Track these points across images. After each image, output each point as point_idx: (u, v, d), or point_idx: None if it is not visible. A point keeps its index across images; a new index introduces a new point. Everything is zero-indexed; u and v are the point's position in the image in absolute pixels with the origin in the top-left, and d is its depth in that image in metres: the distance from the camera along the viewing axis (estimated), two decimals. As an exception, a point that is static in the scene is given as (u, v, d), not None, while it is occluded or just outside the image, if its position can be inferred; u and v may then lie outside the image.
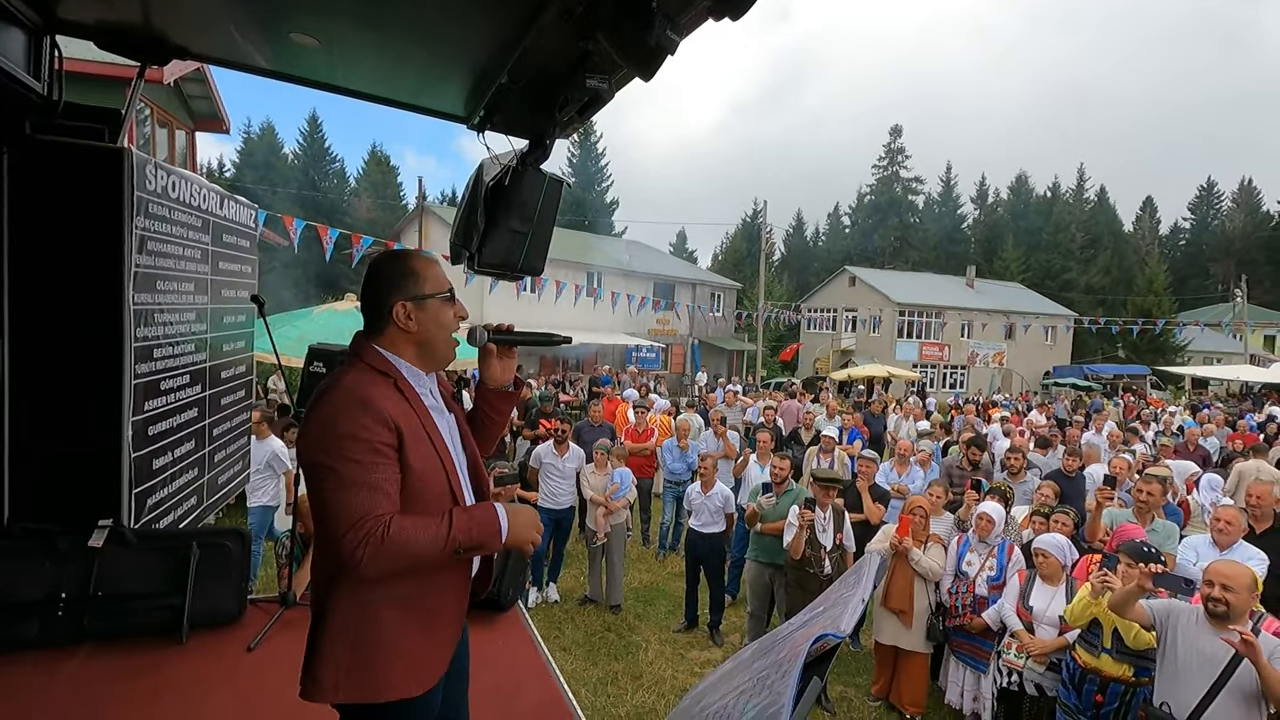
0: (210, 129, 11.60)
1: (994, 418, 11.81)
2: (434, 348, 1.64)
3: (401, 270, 1.60)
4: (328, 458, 1.42)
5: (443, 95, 3.19)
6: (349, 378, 1.50)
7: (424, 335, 1.61)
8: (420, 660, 1.54)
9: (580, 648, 5.36)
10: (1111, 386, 29.77)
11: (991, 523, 4.45)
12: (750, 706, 0.69)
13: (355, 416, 1.43)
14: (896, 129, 58.68)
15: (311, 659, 1.51)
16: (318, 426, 1.45)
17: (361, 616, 1.48)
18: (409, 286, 1.59)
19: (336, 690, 1.47)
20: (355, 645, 1.47)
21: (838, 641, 0.76)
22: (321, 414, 1.46)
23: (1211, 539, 4.36)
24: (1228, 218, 56.75)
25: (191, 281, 3.48)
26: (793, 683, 0.61)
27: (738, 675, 0.96)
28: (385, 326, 1.59)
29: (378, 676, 1.48)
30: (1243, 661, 2.86)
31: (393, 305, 1.57)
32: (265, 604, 3.19)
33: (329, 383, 1.52)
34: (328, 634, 1.49)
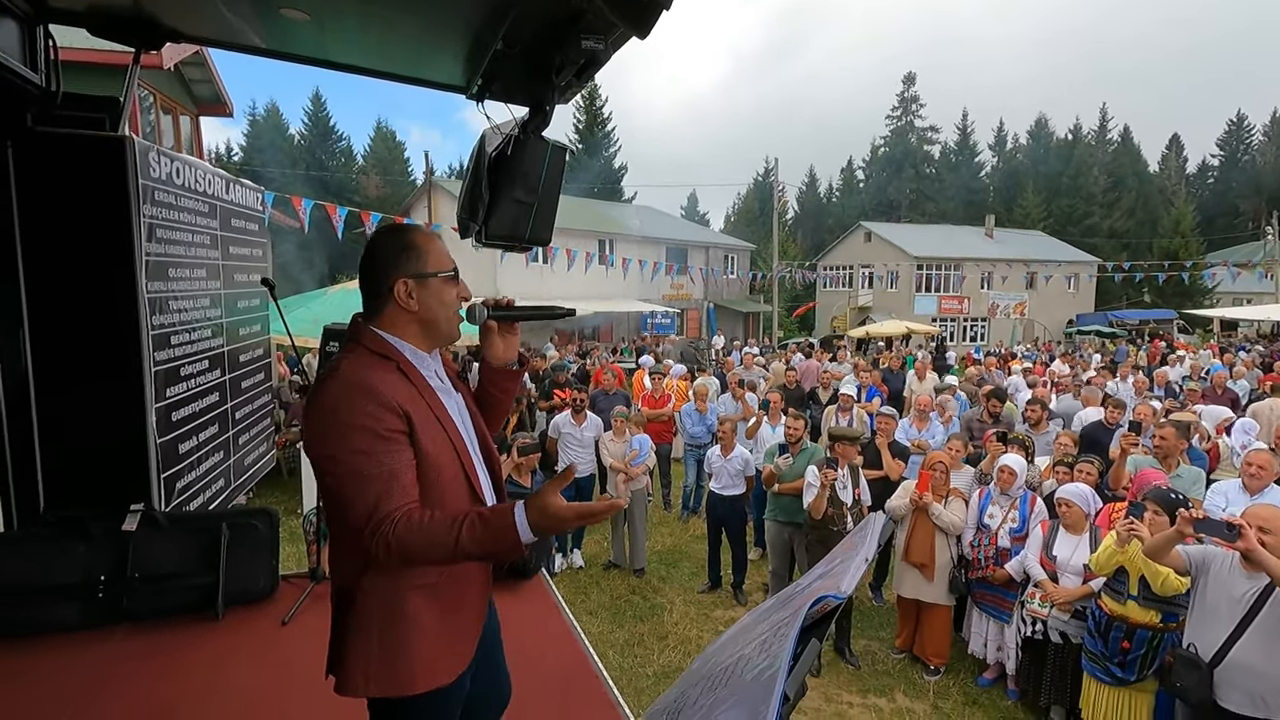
0: (214, 113, 11.57)
1: (1014, 369, 11.67)
2: (437, 327, 1.56)
3: (402, 245, 1.51)
4: (335, 450, 1.36)
5: (439, 65, 3.14)
6: (348, 364, 1.43)
7: (426, 315, 1.53)
8: (447, 649, 1.52)
9: (606, 611, 5.47)
10: (1137, 332, 29.22)
11: (1014, 475, 4.42)
12: (750, 668, 0.70)
13: (359, 405, 1.36)
14: (910, 77, 57.05)
15: (340, 652, 1.48)
16: (320, 418, 1.39)
17: (386, 608, 1.45)
18: (410, 263, 1.50)
19: (368, 684, 1.45)
20: (382, 637, 1.45)
21: (838, 604, 0.75)
22: (323, 404, 1.39)
23: (1242, 484, 4.29)
24: (1259, 152, 54.75)
25: (203, 267, 3.50)
26: (789, 646, 0.61)
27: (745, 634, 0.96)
28: (385, 306, 1.51)
29: (406, 668, 1.45)
30: (1268, 602, 2.85)
31: (393, 283, 1.49)
32: (296, 580, 3.28)
33: (328, 371, 1.45)
34: (353, 626, 1.46)
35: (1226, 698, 2.88)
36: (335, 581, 1.52)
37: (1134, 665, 3.51)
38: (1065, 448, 5.10)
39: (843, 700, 4.33)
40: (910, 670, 4.66)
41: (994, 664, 4.46)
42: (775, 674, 0.57)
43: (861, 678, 4.58)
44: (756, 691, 0.60)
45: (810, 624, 0.68)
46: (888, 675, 4.61)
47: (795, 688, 0.62)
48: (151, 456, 2.96)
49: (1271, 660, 2.81)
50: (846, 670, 4.67)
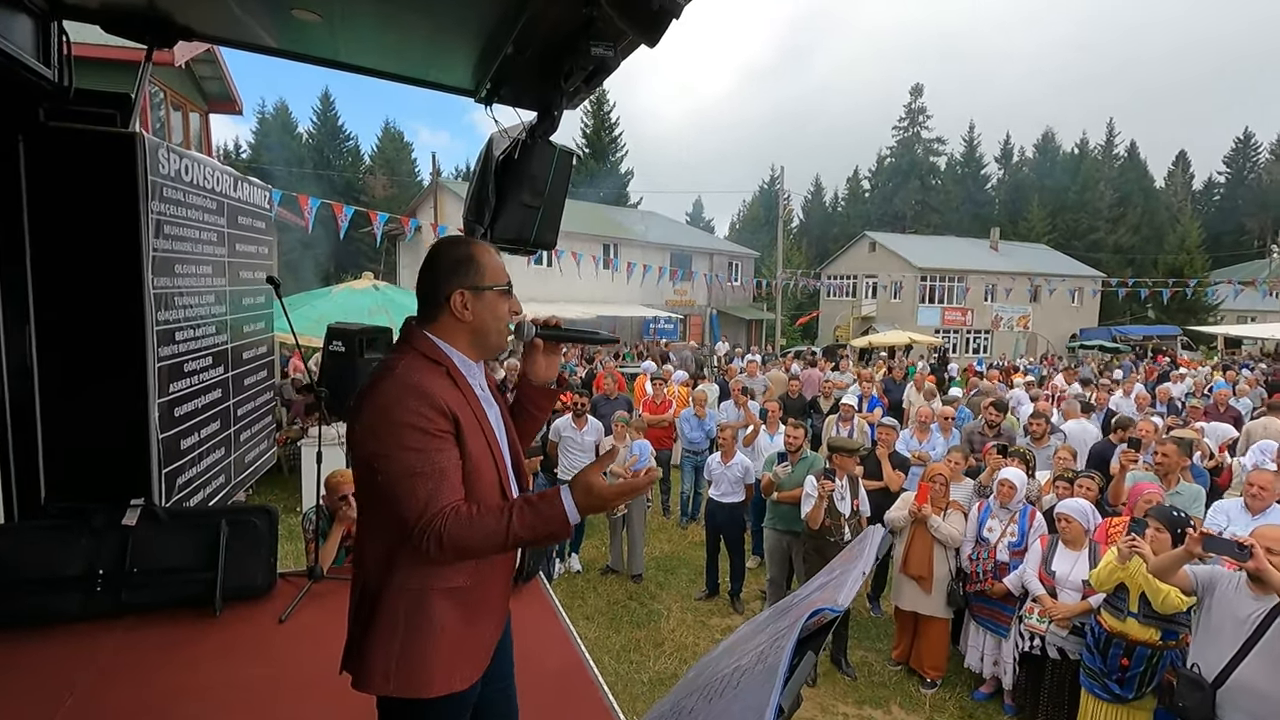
0: (224, 110, 11.63)
1: (1017, 383, 11.65)
2: (487, 338, 1.61)
3: (462, 258, 1.56)
4: (387, 447, 1.40)
5: (449, 68, 3.16)
6: (402, 366, 1.48)
7: (479, 325, 1.58)
8: (466, 655, 1.54)
9: (603, 616, 5.46)
10: (1141, 348, 29.16)
11: (1014, 489, 4.41)
12: (747, 680, 0.70)
13: (412, 405, 1.41)
14: (917, 88, 57.08)
15: (361, 647, 1.50)
16: (373, 416, 1.43)
17: (412, 609, 1.47)
18: (468, 275, 1.55)
19: (387, 682, 1.46)
20: (406, 638, 1.46)
21: (835, 616, 0.75)
22: (376, 403, 1.43)
23: (1244, 503, 4.27)
24: (1265, 170, 54.70)
25: (209, 264, 3.52)
26: (786, 659, 0.61)
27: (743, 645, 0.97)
28: (440, 314, 1.56)
29: (426, 671, 1.47)
30: (1274, 624, 2.84)
31: (450, 293, 1.54)
32: (294, 578, 3.28)
33: (381, 371, 1.49)
34: (378, 624, 1.48)
35: (1229, 719, 2.87)
36: (360, 578, 1.54)
37: (1133, 682, 3.49)
38: (1065, 462, 5.09)
39: (838, 711, 4.32)
40: (906, 682, 4.65)
41: (991, 678, 4.45)
42: (771, 687, 0.57)
43: (858, 688, 4.57)
44: (752, 704, 0.60)
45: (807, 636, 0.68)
46: (884, 687, 4.60)
47: (790, 700, 0.62)
48: (153, 451, 2.97)
49: (1275, 683, 2.79)
50: (843, 681, 4.65)
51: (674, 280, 25.23)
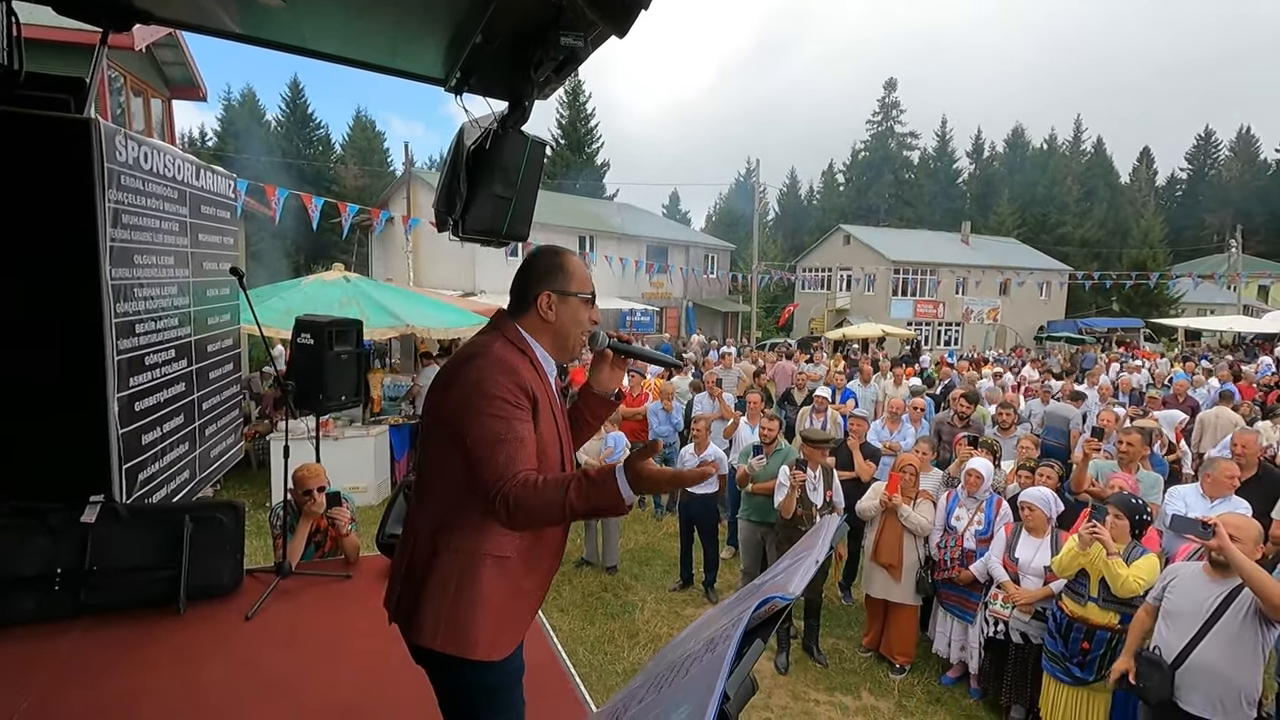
0: (187, 96, 11.31)
1: (985, 373, 11.87)
2: (566, 340, 1.75)
3: (554, 264, 1.72)
4: (474, 414, 1.52)
5: (417, 56, 3.11)
6: (496, 347, 1.62)
7: (560, 327, 1.72)
8: (509, 625, 1.64)
9: (578, 608, 5.47)
10: (1105, 340, 29.88)
11: (980, 478, 4.50)
12: (695, 667, 0.70)
13: (501, 380, 1.55)
14: (891, 83, 57.65)
15: (412, 602, 1.61)
16: (465, 388, 1.56)
17: (463, 571, 1.58)
18: (557, 280, 1.71)
19: (435, 635, 1.57)
20: (456, 596, 1.57)
21: (785, 605, 0.76)
22: (468, 376, 1.57)
23: (1201, 490, 4.40)
24: (1225, 167, 56.28)
25: (171, 255, 3.43)
26: (733, 647, 0.61)
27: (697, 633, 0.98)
28: (527, 311, 1.71)
29: (471, 632, 1.57)
30: (1229, 608, 2.94)
31: (538, 294, 1.69)
32: (261, 574, 3.23)
33: (473, 350, 1.63)
34: (431, 581, 1.59)
35: (1186, 699, 2.97)
36: (410, 538, 1.67)
37: (1093, 665, 3.60)
38: (1027, 451, 5.20)
39: (810, 698, 4.38)
40: (876, 669, 4.73)
41: (957, 663, 4.55)
42: (717, 674, 0.58)
43: (829, 675, 4.64)
44: (698, 691, 0.60)
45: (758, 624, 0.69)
46: (854, 673, 4.67)
47: (737, 687, 0.63)
48: (113, 447, 2.89)
49: (1231, 664, 2.90)
50: (814, 668, 4.72)
51: (650, 273, 25.22)
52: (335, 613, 3.02)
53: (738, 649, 0.62)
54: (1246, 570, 2.82)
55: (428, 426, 1.69)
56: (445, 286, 20.28)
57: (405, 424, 8.64)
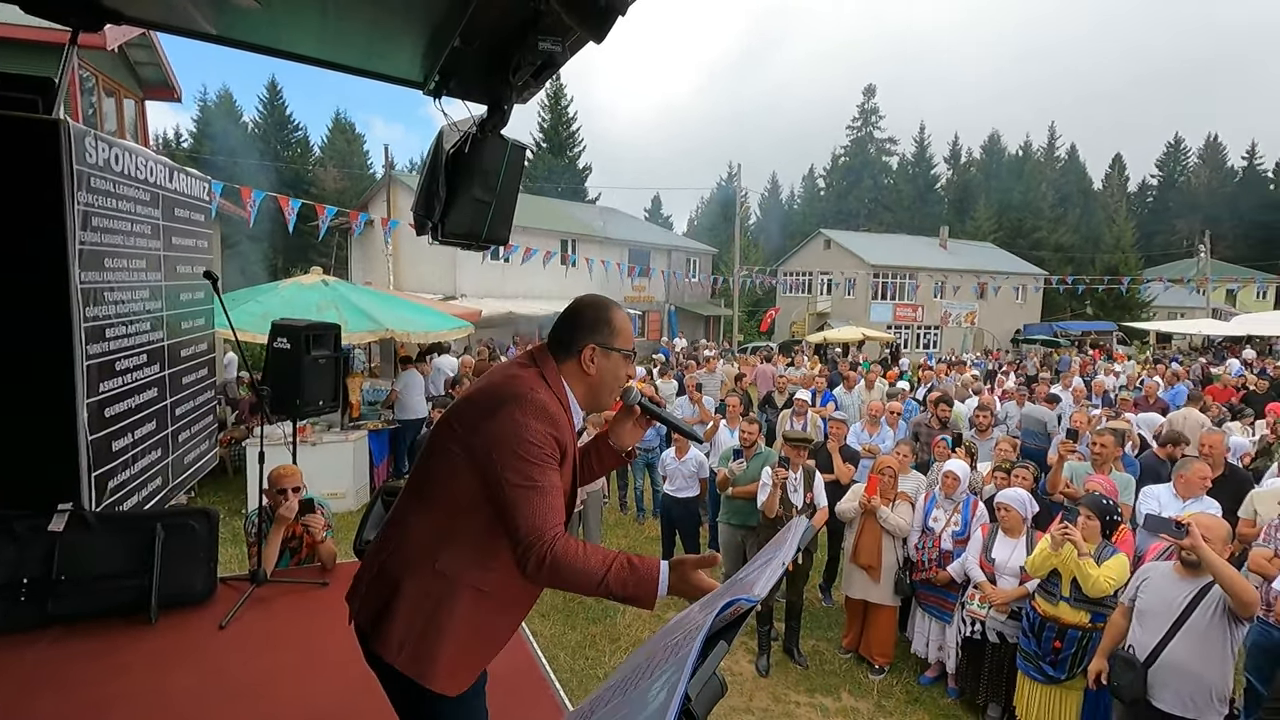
0: (161, 97, 11.14)
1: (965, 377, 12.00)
2: (600, 395, 1.75)
3: (603, 318, 1.72)
4: (514, 457, 1.50)
5: (395, 59, 3.09)
6: (542, 393, 1.60)
7: (597, 381, 1.72)
8: (468, 660, 1.62)
9: (559, 613, 5.44)
10: (1080, 343, 30.39)
11: (957, 480, 4.56)
12: (659, 670, 0.71)
13: (543, 429, 1.54)
14: (870, 89, 58.35)
15: (380, 609, 1.58)
16: (506, 428, 1.52)
17: (442, 595, 1.56)
18: (603, 334, 1.71)
19: (399, 651, 1.54)
20: (428, 621, 1.55)
21: (750, 606, 0.77)
22: (515, 415, 1.53)
23: (1174, 490, 4.49)
24: (1194, 174, 57.60)
25: (143, 258, 3.37)
26: (695, 650, 0.62)
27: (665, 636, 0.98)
28: (569, 359, 1.70)
29: (433, 661, 1.54)
30: (1198, 606, 3.01)
31: (584, 345, 1.69)
32: (236, 582, 3.18)
33: (518, 388, 1.59)
34: (406, 594, 1.56)
35: (1159, 697, 3.03)
36: (398, 539, 1.63)
37: (1065, 664, 3.65)
38: (1005, 453, 5.28)
39: (790, 700, 4.40)
40: (856, 670, 4.76)
41: (935, 663, 4.59)
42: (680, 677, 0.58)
43: (809, 677, 4.67)
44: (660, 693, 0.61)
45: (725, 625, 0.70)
46: (834, 675, 4.70)
47: (700, 688, 0.63)
48: (82, 453, 2.83)
49: (1201, 661, 2.96)
50: (795, 670, 4.75)
51: (632, 277, 25.23)
52: (311, 620, 2.98)
53: (700, 651, 0.63)
54: (1218, 568, 2.88)
55: (444, 440, 1.63)
56: (425, 290, 20.16)
57: (385, 429, 8.55)
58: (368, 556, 1.71)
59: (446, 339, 9.92)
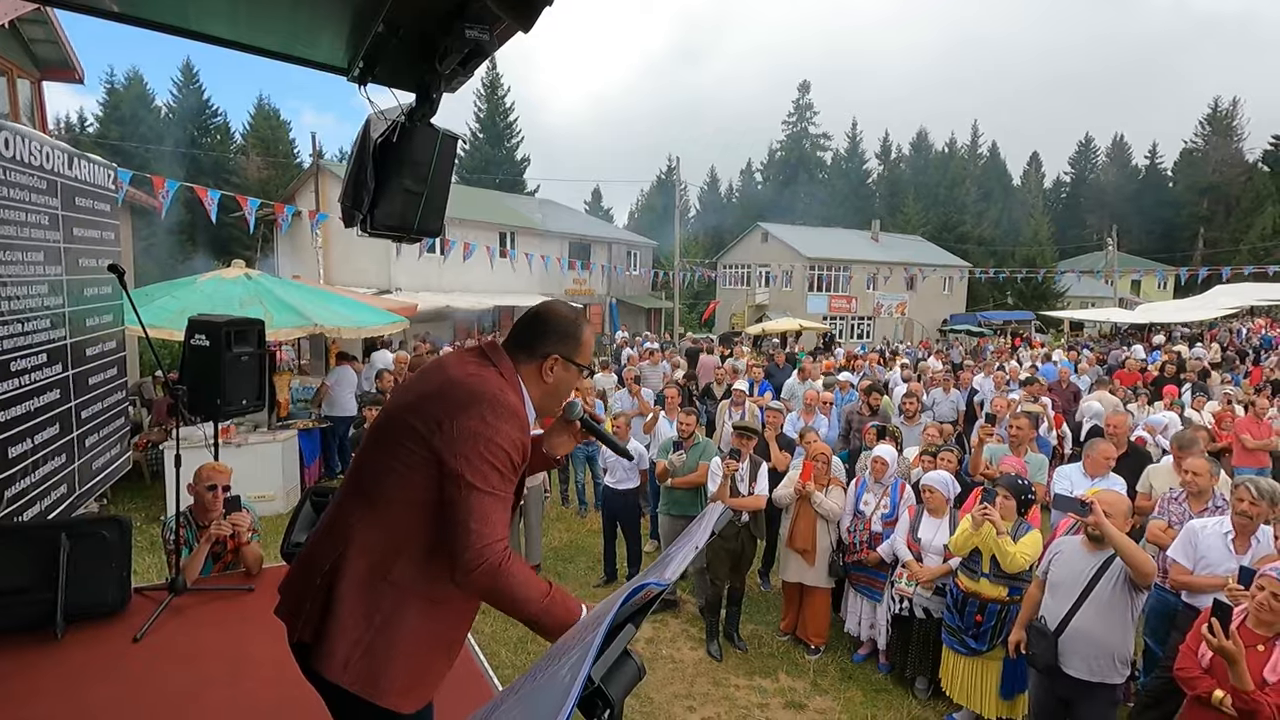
0: (60, 78, 10.36)
1: (894, 365, 12.47)
2: (550, 403, 1.73)
3: (574, 333, 1.70)
4: (479, 459, 1.45)
5: (316, 43, 2.98)
6: (510, 396, 1.56)
7: (552, 390, 1.70)
8: (423, 679, 1.56)
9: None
10: (1001, 332, 31.97)
11: (885, 465, 4.74)
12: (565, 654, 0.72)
13: (512, 434, 1.51)
14: (805, 85, 59.65)
15: (326, 628, 1.47)
16: (479, 427, 1.47)
17: (392, 606, 1.49)
18: (570, 348, 1.69)
19: (345, 669, 1.46)
20: (379, 633, 1.47)
21: (660, 590, 0.79)
22: (485, 417, 1.49)
23: (1083, 469, 4.78)
24: (1102, 172, 61.29)
25: (40, 250, 3.15)
26: (601, 633, 0.63)
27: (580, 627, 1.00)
28: (529, 363, 1.67)
29: (383, 676, 1.47)
30: (1102, 577, 3.22)
31: (549, 354, 1.67)
32: (152, 592, 3.02)
33: (489, 388, 1.54)
34: (352, 606, 1.47)
35: (1068, 664, 3.23)
36: (340, 545, 1.51)
37: (985, 636, 3.86)
38: (931, 438, 5.52)
39: (731, 684, 4.50)
40: (793, 651, 4.91)
41: (867, 641, 4.78)
42: (584, 660, 0.59)
43: (749, 660, 4.78)
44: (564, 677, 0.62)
45: (637, 610, 0.71)
46: (772, 657, 4.83)
47: (604, 670, 0.65)
48: (-26, 461, 2.64)
49: (1104, 628, 3.17)
50: (735, 654, 4.85)
51: (573, 270, 25.11)
52: (237, 626, 2.86)
53: (606, 635, 0.64)
54: (1118, 542, 3.10)
55: (399, 437, 1.52)
56: (359, 284, 19.52)
57: (315, 428, 8.27)
58: (300, 564, 1.59)
59: (380, 334, 9.65)
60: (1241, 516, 3.48)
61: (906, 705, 4.28)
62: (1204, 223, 50.59)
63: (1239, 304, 27.29)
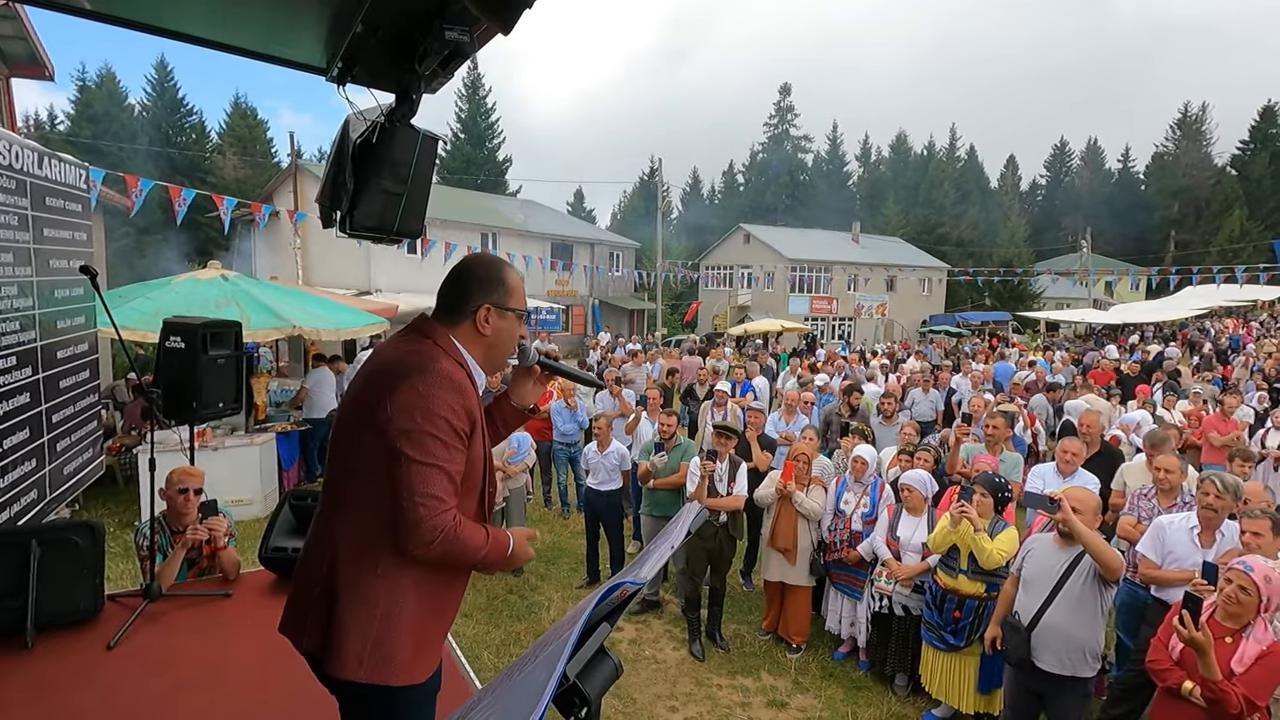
0: (30, 75, 10.13)
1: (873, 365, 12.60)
2: (497, 356, 1.72)
3: (496, 277, 1.68)
4: (417, 434, 1.45)
5: (294, 43, 2.95)
6: (443, 362, 1.54)
7: (494, 342, 1.68)
8: (429, 646, 1.60)
9: (482, 612, 5.37)
10: (979, 333, 32.41)
11: (865, 464, 4.79)
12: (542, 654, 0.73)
13: (450, 399, 1.49)
14: (786, 87, 59.98)
15: (329, 630, 1.51)
16: (414, 399, 1.47)
17: (391, 595, 1.51)
18: (498, 294, 1.66)
19: (360, 666, 1.49)
20: (383, 624, 1.50)
21: (635, 589, 0.80)
22: (418, 388, 1.48)
23: (1056, 467, 4.87)
24: (1077, 175, 62.35)
25: (9, 251, 3.09)
26: (575, 632, 0.64)
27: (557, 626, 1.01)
28: (462, 322, 1.65)
29: (396, 658, 1.51)
30: (1072, 573, 3.28)
31: (478, 306, 1.64)
32: (126, 599, 2.97)
33: (417, 361, 1.53)
34: (354, 608, 1.50)
35: (1040, 658, 3.28)
36: (329, 554, 1.54)
37: (964, 632, 3.92)
38: (908, 437, 5.59)
39: (713, 683, 4.52)
40: (775, 650, 4.94)
41: (848, 639, 4.82)
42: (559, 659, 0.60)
43: (731, 660, 4.80)
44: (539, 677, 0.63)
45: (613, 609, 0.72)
46: (755, 656, 4.86)
47: (579, 668, 0.66)
48: (-60, 467, 2.58)
49: (1075, 623, 3.23)
50: (718, 654, 4.87)
51: (555, 271, 25.04)
52: (214, 632, 2.82)
53: (581, 634, 0.65)
54: (1086, 538, 3.16)
55: (353, 432, 1.55)
56: (338, 285, 19.31)
57: (294, 431, 8.17)
58: (296, 578, 1.64)
59: (360, 336, 9.56)
60: (1207, 510, 3.57)
61: (886, 702, 4.32)
62: (1175, 225, 51.63)
63: (1208, 305, 27.93)
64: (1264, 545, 3.08)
